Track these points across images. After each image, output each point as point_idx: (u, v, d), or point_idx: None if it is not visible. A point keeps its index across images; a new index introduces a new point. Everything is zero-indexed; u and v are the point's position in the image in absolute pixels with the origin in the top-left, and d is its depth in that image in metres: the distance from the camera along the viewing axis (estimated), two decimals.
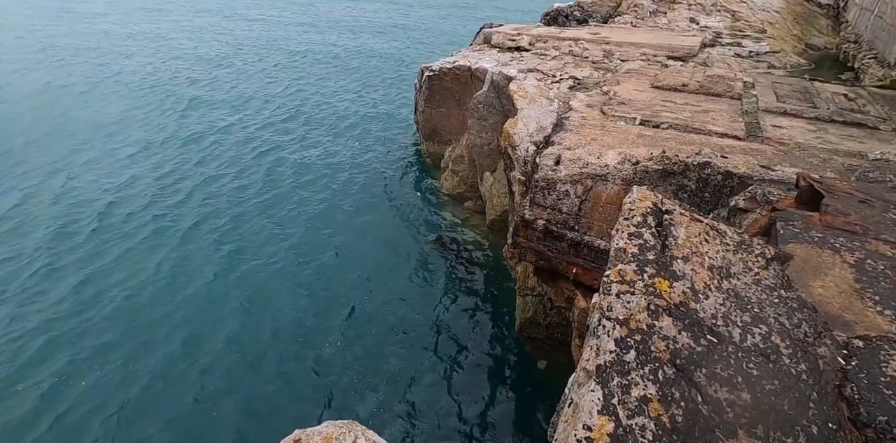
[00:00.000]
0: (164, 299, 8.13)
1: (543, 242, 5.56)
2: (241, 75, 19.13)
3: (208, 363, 7.02)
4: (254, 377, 6.85)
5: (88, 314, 7.78)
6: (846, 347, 2.31)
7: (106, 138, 13.63)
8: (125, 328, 7.53)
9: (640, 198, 2.93)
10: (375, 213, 10.67)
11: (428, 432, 6.22)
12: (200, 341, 7.37)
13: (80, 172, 11.96)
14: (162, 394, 6.58)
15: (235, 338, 7.44)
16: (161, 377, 6.81)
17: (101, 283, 8.44)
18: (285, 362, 7.11)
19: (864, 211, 3.36)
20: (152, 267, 8.82)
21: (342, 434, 1.76)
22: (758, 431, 1.94)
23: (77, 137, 13.74)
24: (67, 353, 7.11)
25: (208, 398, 6.54)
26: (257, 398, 6.57)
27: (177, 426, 6.17)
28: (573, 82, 8.32)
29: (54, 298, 8.10)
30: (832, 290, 2.68)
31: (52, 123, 14.54)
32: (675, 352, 2.13)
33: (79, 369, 6.89)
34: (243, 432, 6.14)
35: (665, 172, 4.97)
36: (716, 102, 7.02)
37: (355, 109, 16.13)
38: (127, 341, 7.31)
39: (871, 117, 6.46)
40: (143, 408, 6.39)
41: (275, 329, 7.65)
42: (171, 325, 7.62)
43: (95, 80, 18.24)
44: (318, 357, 7.19)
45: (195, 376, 6.84)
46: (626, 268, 2.42)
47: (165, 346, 7.28)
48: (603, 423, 1.85)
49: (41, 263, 8.85)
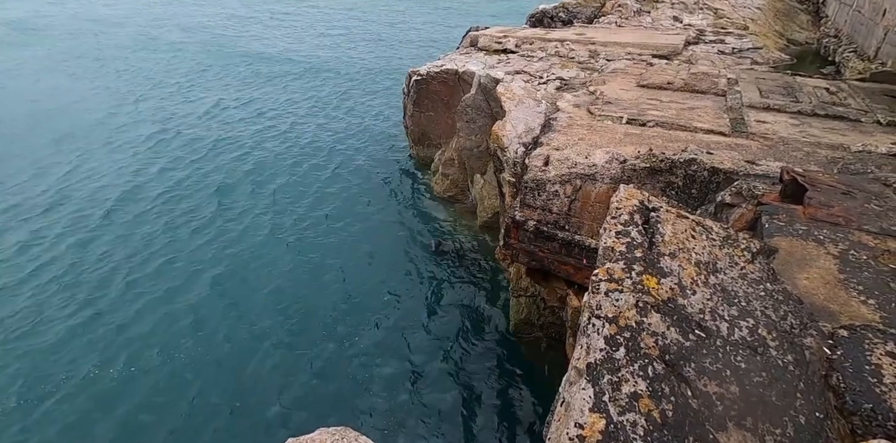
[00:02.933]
0: (156, 303, 8.11)
1: (535, 242, 5.60)
2: (223, 84, 19.07)
3: (199, 370, 6.99)
4: (245, 385, 6.83)
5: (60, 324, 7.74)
6: (831, 337, 2.35)
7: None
8: (111, 342, 7.49)
9: (626, 196, 2.97)
10: (366, 217, 10.67)
11: (422, 434, 6.22)
12: (189, 345, 7.35)
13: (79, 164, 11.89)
14: (156, 403, 6.54)
15: (225, 342, 7.43)
16: (154, 387, 6.77)
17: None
18: (276, 368, 7.09)
19: (846, 202, 3.42)
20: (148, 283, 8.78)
21: (335, 442, 1.78)
22: (747, 423, 1.97)
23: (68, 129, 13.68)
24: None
25: (202, 406, 6.51)
26: (249, 407, 6.54)
27: (172, 435, 6.14)
28: (560, 83, 8.38)
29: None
30: (817, 281, 2.72)
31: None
32: (664, 348, 2.16)
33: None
34: (238, 440, 6.11)
35: (652, 170, 5.02)
36: (701, 99, 7.10)
37: (343, 115, 16.14)
38: (121, 352, 7.28)
39: (853, 110, 6.56)
40: (139, 416, 6.35)
41: (264, 331, 7.65)
42: (162, 332, 7.59)
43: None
44: (309, 362, 7.19)
45: (188, 382, 6.81)
46: (615, 266, 2.45)
47: (162, 351, 7.25)
48: (594, 420, 1.88)
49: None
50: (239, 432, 6.20)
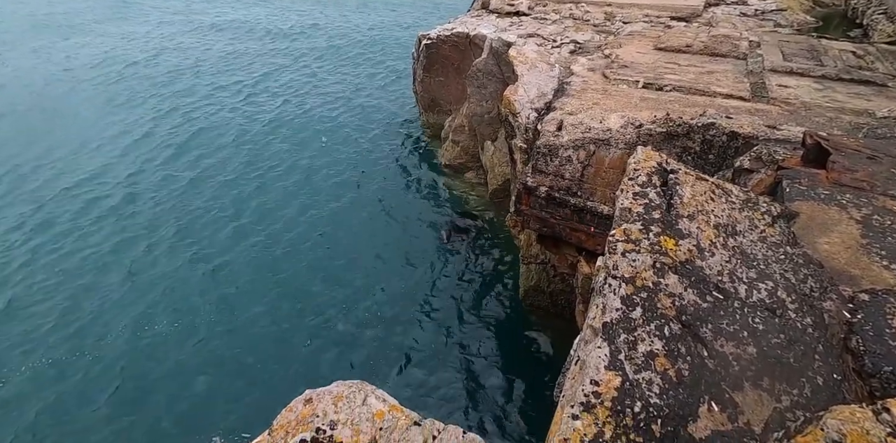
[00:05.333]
0: (195, 278, 8.32)
1: (546, 209, 5.54)
2: (232, 55, 18.72)
3: (234, 332, 7.35)
4: (271, 347, 7.10)
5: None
6: (852, 301, 2.31)
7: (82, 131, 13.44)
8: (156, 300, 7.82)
9: (644, 158, 2.89)
10: (375, 187, 10.61)
11: (434, 396, 6.37)
12: (231, 312, 7.67)
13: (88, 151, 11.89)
14: (194, 357, 6.94)
15: (248, 312, 7.65)
16: (191, 341, 7.13)
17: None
18: (297, 332, 7.27)
19: (871, 167, 3.32)
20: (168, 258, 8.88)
21: (352, 393, 1.79)
22: (763, 383, 1.96)
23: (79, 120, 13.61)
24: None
25: (236, 362, 6.91)
26: (275, 365, 6.84)
27: (210, 385, 6.56)
28: (574, 46, 8.12)
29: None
30: (838, 246, 2.67)
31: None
32: (681, 308, 2.14)
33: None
34: (262, 392, 6.46)
35: (669, 135, 4.90)
36: (720, 63, 6.86)
37: (351, 82, 15.85)
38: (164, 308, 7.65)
39: (880, 75, 6.32)
40: (182, 368, 6.80)
41: (280, 297, 7.84)
42: (206, 299, 7.87)
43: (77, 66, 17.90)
44: (326, 327, 7.33)
45: (226, 342, 7.18)
46: (632, 227, 2.40)
47: (200, 312, 7.62)
48: (610, 378, 1.87)
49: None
50: (264, 381, 6.61)
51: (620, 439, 1.75)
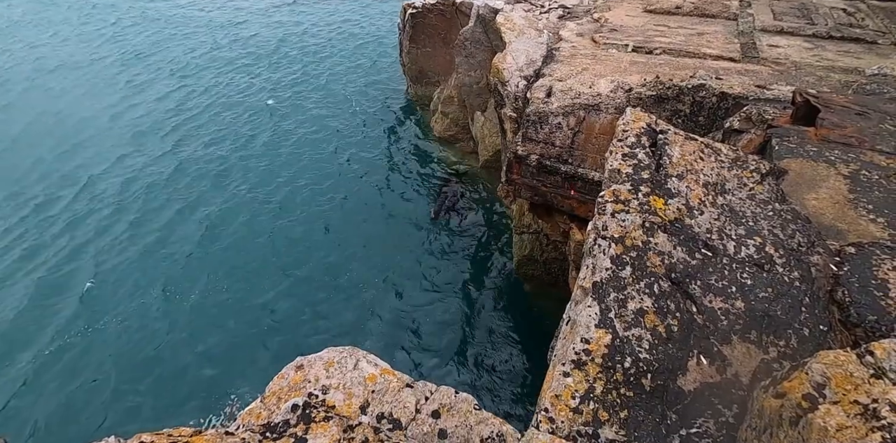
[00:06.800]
0: (197, 256, 8.41)
1: (537, 177, 5.51)
2: (217, 29, 18.21)
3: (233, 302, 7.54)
4: (271, 315, 7.30)
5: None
6: (838, 254, 2.33)
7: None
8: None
9: (633, 119, 2.86)
10: (366, 161, 10.52)
11: (428, 362, 6.51)
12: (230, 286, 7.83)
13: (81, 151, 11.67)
14: (195, 324, 7.18)
15: (243, 281, 7.79)
16: (191, 311, 7.38)
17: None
18: (289, 299, 7.42)
19: (860, 123, 3.30)
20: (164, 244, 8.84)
21: (343, 358, 1.80)
22: (751, 335, 1.99)
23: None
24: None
25: (240, 331, 7.15)
26: (268, 336, 7.03)
27: (208, 350, 6.85)
28: (563, 11, 7.94)
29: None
30: (826, 201, 2.67)
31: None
32: (670, 266, 2.15)
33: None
34: (257, 357, 6.74)
35: (659, 98, 4.85)
36: (711, 24, 6.74)
37: (336, 55, 15.50)
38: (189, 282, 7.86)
39: (870, 32, 6.23)
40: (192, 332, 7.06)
41: (277, 266, 7.98)
42: (211, 275, 8.00)
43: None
44: (318, 296, 7.44)
45: (227, 312, 7.39)
46: (621, 187, 2.39)
47: (205, 288, 7.79)
48: (600, 335, 1.89)
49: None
50: (260, 353, 6.84)
51: (611, 394, 1.78)
